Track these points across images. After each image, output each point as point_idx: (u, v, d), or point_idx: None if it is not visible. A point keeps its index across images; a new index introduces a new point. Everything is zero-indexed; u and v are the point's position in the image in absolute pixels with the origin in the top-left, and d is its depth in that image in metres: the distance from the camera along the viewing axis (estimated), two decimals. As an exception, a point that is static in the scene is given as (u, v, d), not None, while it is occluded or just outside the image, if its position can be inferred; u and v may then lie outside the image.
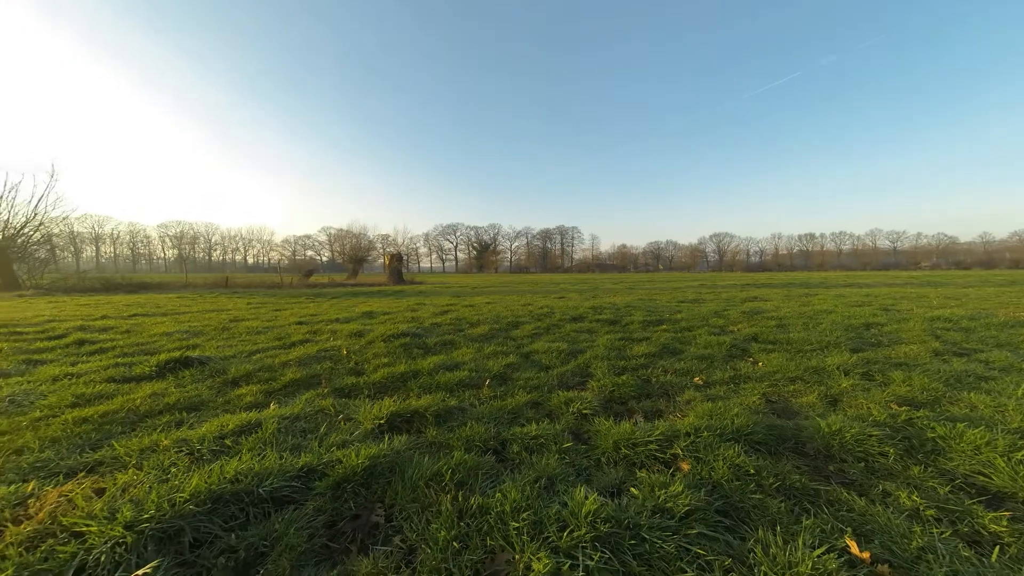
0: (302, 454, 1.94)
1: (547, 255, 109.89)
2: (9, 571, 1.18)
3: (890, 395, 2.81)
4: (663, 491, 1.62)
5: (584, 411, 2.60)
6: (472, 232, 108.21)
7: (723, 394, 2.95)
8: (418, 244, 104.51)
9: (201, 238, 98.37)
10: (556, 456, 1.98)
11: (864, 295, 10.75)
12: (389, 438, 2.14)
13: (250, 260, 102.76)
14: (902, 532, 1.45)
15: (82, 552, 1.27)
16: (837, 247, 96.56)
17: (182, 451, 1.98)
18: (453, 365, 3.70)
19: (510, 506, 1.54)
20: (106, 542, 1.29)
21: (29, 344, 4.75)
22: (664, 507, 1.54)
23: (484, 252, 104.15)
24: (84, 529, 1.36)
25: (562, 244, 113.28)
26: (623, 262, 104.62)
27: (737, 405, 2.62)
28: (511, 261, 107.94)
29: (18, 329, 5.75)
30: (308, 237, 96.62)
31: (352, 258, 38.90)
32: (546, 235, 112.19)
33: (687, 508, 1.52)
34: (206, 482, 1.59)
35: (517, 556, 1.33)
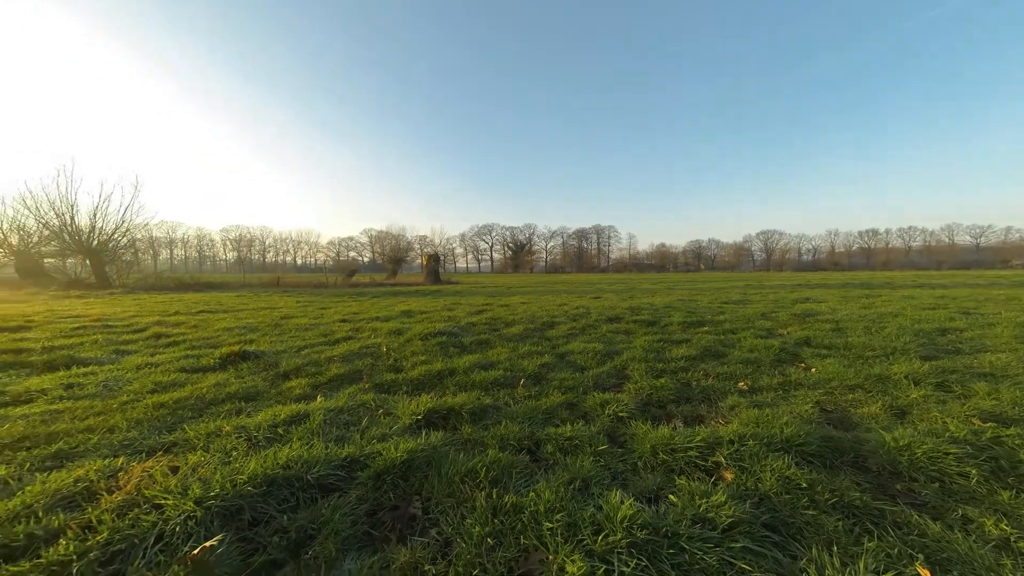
0: (346, 445, 2.04)
1: (583, 255, 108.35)
2: (104, 534, 1.35)
3: (971, 409, 2.52)
4: (704, 500, 1.55)
5: (620, 414, 2.54)
6: (507, 232, 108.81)
7: (771, 401, 2.78)
8: (454, 244, 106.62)
9: (256, 241, 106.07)
10: (591, 458, 1.95)
11: (938, 296, 9.69)
12: (426, 434, 2.20)
13: (299, 261, 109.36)
14: (988, 564, 1.29)
15: (161, 522, 1.41)
16: (905, 244, 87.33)
17: (241, 437, 2.14)
18: (488, 364, 3.74)
19: (544, 506, 1.54)
20: (180, 515, 1.44)
21: (118, 336, 5.34)
22: (705, 517, 1.47)
23: (519, 252, 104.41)
24: (163, 501, 1.51)
25: (598, 244, 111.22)
26: (662, 262, 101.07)
27: (787, 413, 2.45)
28: (546, 261, 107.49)
29: (110, 323, 6.49)
30: (351, 239, 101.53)
31: (392, 258, 40.41)
32: (582, 234, 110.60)
33: (731, 520, 1.44)
34: (262, 466, 1.71)
35: (551, 557, 1.33)
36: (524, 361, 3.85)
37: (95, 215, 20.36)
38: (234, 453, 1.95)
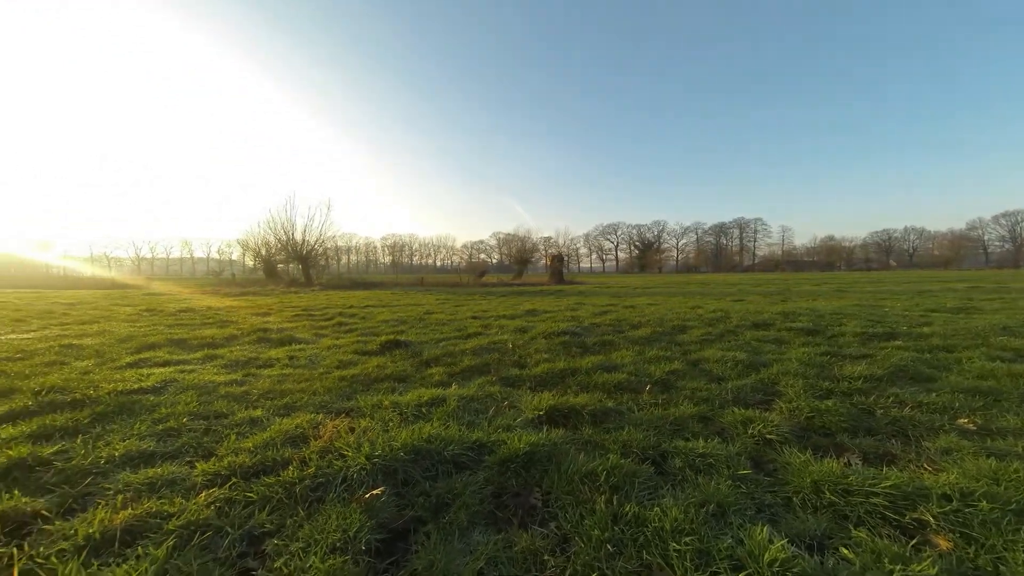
0: (475, 430, 2.25)
1: (721, 252, 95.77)
2: (312, 469, 1.81)
3: None
4: (900, 567, 1.22)
5: (768, 435, 2.17)
6: (634, 230, 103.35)
7: (1022, 452, 1.99)
8: (578, 244, 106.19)
9: (406, 246, 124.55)
10: (728, 482, 1.72)
11: None
12: (547, 430, 2.27)
13: (438, 263, 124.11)
14: None
15: (345, 468, 1.81)
16: None
17: (395, 411, 2.56)
18: (611, 366, 3.63)
19: (670, 524, 1.43)
20: (356, 465, 1.82)
21: (316, 323, 6.97)
22: (898, 586, 1.15)
23: (647, 251, 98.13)
24: (346, 453, 1.94)
25: (741, 239, 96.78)
26: (829, 258, 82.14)
27: (1051, 471, 1.73)
28: (677, 260, 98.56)
29: (311, 312, 8.52)
30: (481, 242, 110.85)
31: (518, 259, 42.61)
32: (720, 229, 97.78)
33: (944, 601, 1.09)
34: (411, 438, 2.02)
35: (678, 580, 1.23)
36: (651, 366, 3.62)
37: (305, 231, 27.31)
38: (391, 424, 2.35)
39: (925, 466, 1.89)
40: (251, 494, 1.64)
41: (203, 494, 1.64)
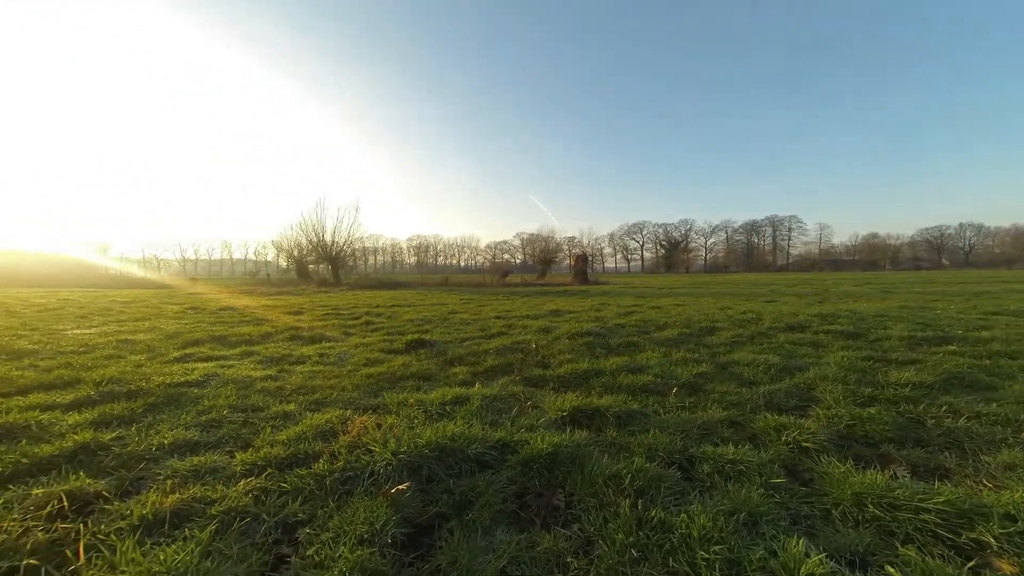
0: (498, 429, 2.26)
1: (753, 251, 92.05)
2: (341, 462, 1.88)
3: None
4: (949, 586, 1.14)
5: (804, 443, 2.08)
6: (660, 229, 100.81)
7: (1095, 469, 1.82)
8: (603, 244, 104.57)
9: (431, 247, 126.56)
10: (761, 490, 1.66)
11: None
12: (571, 430, 2.26)
13: (462, 263, 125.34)
14: None
15: (372, 463, 1.87)
16: None
17: (420, 409, 2.62)
18: (636, 368, 3.57)
19: (697, 531, 1.39)
20: (383, 460, 1.87)
21: (344, 321, 7.20)
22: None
23: (673, 250, 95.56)
24: (373, 448, 2.00)
25: (774, 238, 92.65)
26: (872, 256, 77.38)
27: None
28: (706, 260, 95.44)
29: (340, 312, 8.81)
30: (505, 242, 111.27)
31: (541, 260, 42.51)
32: (752, 227, 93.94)
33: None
34: (436, 436, 2.05)
35: (706, 589, 1.19)
36: (677, 368, 3.53)
37: (334, 232, 28.37)
38: (416, 421, 2.40)
39: (984, 482, 1.76)
40: (285, 484, 1.72)
41: (242, 483, 1.73)
